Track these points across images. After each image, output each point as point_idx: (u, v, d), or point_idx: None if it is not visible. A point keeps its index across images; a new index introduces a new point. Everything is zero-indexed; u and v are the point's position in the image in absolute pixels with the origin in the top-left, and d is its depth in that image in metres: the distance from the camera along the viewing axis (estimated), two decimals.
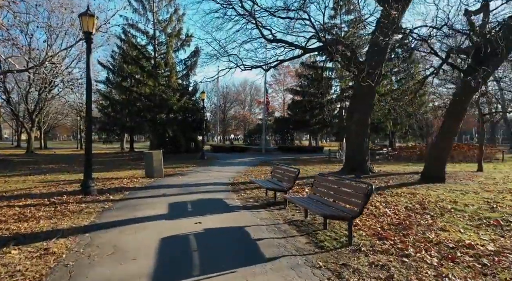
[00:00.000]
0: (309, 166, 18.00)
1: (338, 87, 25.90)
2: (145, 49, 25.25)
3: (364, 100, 13.01)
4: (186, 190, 9.37)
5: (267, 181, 8.54)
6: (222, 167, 17.52)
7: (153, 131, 25.60)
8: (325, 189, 5.75)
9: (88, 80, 8.48)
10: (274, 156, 27.24)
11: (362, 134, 13.09)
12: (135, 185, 10.45)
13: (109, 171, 15.64)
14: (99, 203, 7.33)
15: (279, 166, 8.73)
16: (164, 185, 10.37)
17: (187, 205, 7.26)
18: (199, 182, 11.34)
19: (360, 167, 12.97)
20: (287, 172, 7.72)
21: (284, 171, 7.93)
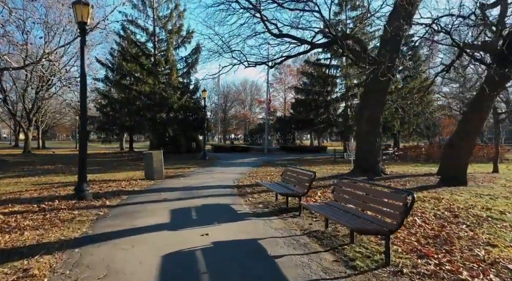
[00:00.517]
0: (315, 167, 17.30)
1: (342, 86, 25.15)
2: (145, 46, 24.54)
3: (376, 97, 12.31)
4: (189, 194, 8.67)
5: (277, 184, 7.84)
6: (224, 168, 16.83)
7: (153, 131, 24.91)
8: (348, 196, 5.05)
9: (82, 75, 7.78)
10: (277, 156, 26.56)
11: (374, 133, 12.40)
12: (134, 188, 9.75)
13: (107, 172, 14.94)
14: (93, 210, 6.63)
15: (290, 168, 8.03)
16: (165, 188, 9.67)
17: (191, 212, 6.57)
18: (202, 184, 10.65)
19: (372, 169, 12.27)
20: (301, 175, 7.02)
21: (298, 174, 7.23)
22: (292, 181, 7.35)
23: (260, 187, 9.99)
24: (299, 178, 7.00)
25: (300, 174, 7.12)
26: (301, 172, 7.22)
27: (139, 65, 22.92)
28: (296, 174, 7.33)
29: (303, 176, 6.88)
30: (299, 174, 7.16)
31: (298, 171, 7.38)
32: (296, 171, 7.46)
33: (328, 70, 24.25)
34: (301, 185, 6.74)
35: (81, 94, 7.81)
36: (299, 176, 7.12)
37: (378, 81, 12.12)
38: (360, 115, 12.68)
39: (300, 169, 7.54)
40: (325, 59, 24.83)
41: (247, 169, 16.45)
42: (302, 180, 6.79)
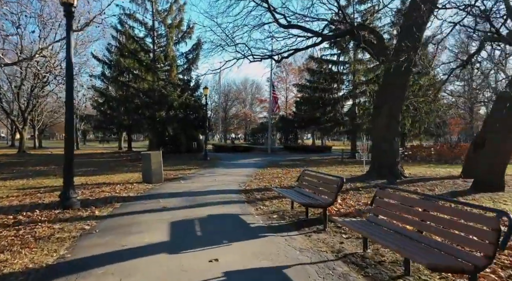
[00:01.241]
0: (323, 168, 16.28)
1: (349, 83, 24.07)
2: (144, 41, 23.47)
3: (394, 93, 11.27)
4: (191, 201, 7.63)
5: (294, 191, 6.79)
6: (228, 170, 15.79)
7: (152, 130, 23.86)
8: (395, 210, 4.00)
9: (68, 64, 6.73)
10: (280, 157, 25.52)
11: (392, 131, 11.36)
12: (129, 193, 8.70)
13: (102, 174, 13.90)
14: (79, 222, 5.58)
15: (310, 171, 6.98)
16: (164, 194, 8.63)
17: (195, 226, 5.52)
18: (205, 189, 9.60)
19: (391, 171, 11.24)
20: (325, 180, 5.97)
21: (320, 180, 6.17)
22: (313, 187, 6.30)
23: (270, 192, 8.97)
24: (323, 184, 5.95)
25: (323, 179, 6.06)
26: (324, 177, 6.16)
27: (138, 61, 21.86)
28: (318, 179, 6.27)
29: (327, 182, 5.83)
30: (322, 179, 6.10)
31: (321, 175, 6.32)
32: (318, 175, 6.40)
33: (337, 66, 23.14)
34: (325, 193, 5.69)
35: (67, 86, 6.76)
36: (321, 181, 6.07)
37: (397, 75, 11.11)
38: (377, 112, 11.64)
39: (323, 174, 6.48)
40: (331, 55, 23.78)
41: (252, 170, 15.42)
42: (326, 187, 5.74)
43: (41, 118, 39.06)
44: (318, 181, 6.19)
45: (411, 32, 10.62)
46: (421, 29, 10.75)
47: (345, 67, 23.52)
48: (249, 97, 66.50)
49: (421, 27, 10.73)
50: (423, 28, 10.84)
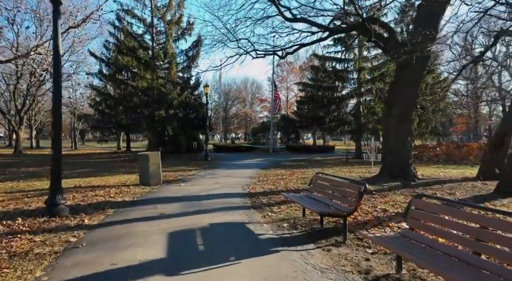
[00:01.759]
0: (328, 169, 15.62)
1: (353, 81, 23.38)
2: (142, 38, 22.76)
3: (408, 89, 10.59)
4: (191, 207, 6.96)
5: (306, 197, 6.11)
6: (230, 171, 15.12)
7: (151, 129, 23.17)
8: (442, 226, 3.32)
9: (55, 52, 6.07)
10: (283, 157, 24.85)
11: (405, 131, 10.69)
12: (124, 197, 8.03)
13: (97, 175, 13.24)
14: (64, 234, 4.93)
15: (324, 175, 6.31)
16: (163, 198, 7.96)
17: (196, 238, 4.86)
18: (206, 192, 8.94)
19: (403, 172, 10.57)
20: (343, 185, 5.30)
21: (337, 184, 5.49)
22: (328, 193, 5.63)
23: (277, 196, 8.31)
24: (340, 190, 5.27)
25: (341, 184, 5.39)
26: (342, 181, 5.50)
27: (136, 58, 21.16)
28: (334, 183, 5.59)
29: (346, 187, 5.16)
30: (340, 184, 5.42)
31: (338, 180, 5.64)
32: (335, 180, 5.71)
33: (342, 64, 22.41)
34: (344, 200, 5.03)
35: (54, 78, 6.11)
36: (339, 186, 5.40)
37: (409, 70, 10.46)
38: (388, 111, 10.98)
39: (339, 178, 5.81)
40: (335, 52, 23.09)
41: (255, 171, 14.75)
42: (345, 193, 5.07)
43: (39, 118, 38.35)
44: (334, 185, 5.51)
45: (427, 24, 9.97)
46: (437, 20, 10.10)
47: (349, 65, 22.83)
48: (249, 96, 65.88)
49: (437, 18, 10.08)
50: (439, 19, 10.18)
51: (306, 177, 12.48)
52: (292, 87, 56.97)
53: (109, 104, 22.15)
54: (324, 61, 23.07)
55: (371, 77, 21.86)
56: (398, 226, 5.30)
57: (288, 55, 14.06)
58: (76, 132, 38.87)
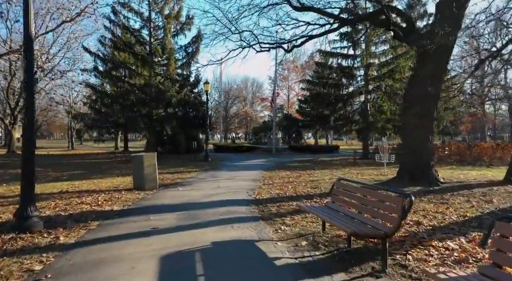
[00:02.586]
0: (336, 171, 14.64)
1: (361, 78, 22.36)
2: (139, 33, 21.74)
3: (429, 84, 9.58)
4: (190, 218, 5.96)
5: (328, 208, 5.09)
6: (232, 173, 14.12)
7: (149, 128, 22.16)
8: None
9: (26, 37, 5.07)
10: (286, 157, 23.85)
11: (426, 129, 9.70)
12: (113, 206, 7.02)
13: (89, 178, 12.25)
14: (30, 257, 3.92)
15: (349, 183, 5.28)
16: (157, 207, 6.96)
17: (195, 263, 3.85)
18: (207, 198, 7.94)
19: (424, 175, 9.58)
20: (378, 196, 4.27)
21: (368, 194, 4.46)
22: (355, 204, 4.62)
23: (287, 203, 7.33)
24: (374, 202, 4.25)
25: (375, 194, 4.36)
26: (374, 191, 4.48)
27: (133, 54, 20.13)
28: (364, 193, 4.56)
29: (383, 199, 4.14)
30: (373, 194, 4.39)
31: (369, 189, 4.63)
32: (365, 189, 4.69)
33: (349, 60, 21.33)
34: (380, 215, 4.01)
35: (27, 62, 5.13)
36: (370, 197, 4.38)
37: (432, 63, 9.46)
38: (407, 108, 9.97)
39: (369, 186, 4.81)
40: (341, 48, 22.07)
41: (259, 173, 13.76)
42: (382, 206, 4.06)
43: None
44: (364, 196, 4.49)
45: (450, 11, 8.97)
46: (463, 7, 9.09)
47: (356, 61, 21.81)
48: (250, 95, 64.92)
49: (463, 4, 9.07)
50: (465, 6, 9.17)
51: (315, 180, 11.51)
52: (293, 86, 56.08)
53: (105, 102, 21.13)
54: (330, 58, 22.03)
55: (379, 74, 20.84)
56: (445, 248, 4.29)
57: (295, 48, 13.06)
58: (73, 131, 37.80)
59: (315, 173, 14.03)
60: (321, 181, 11.15)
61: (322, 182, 10.92)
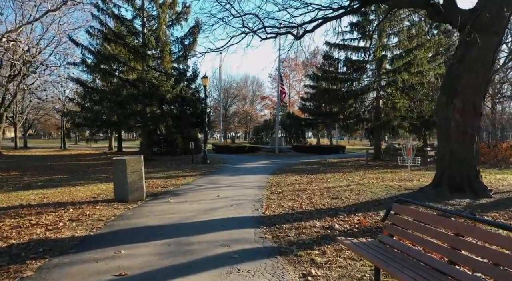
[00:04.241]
0: (351, 175, 12.89)
1: (373, 72, 20.60)
2: (132, 23, 19.92)
3: (476, 73, 7.85)
4: (176, 253, 4.21)
5: (385, 247, 3.32)
6: (234, 177, 12.38)
7: (142, 127, 20.37)
8: None
9: None
10: (292, 158, 22.11)
11: (471, 128, 7.96)
12: (76, 230, 5.24)
13: (68, 185, 10.53)
14: None
15: (415, 206, 3.53)
16: (136, 231, 5.20)
17: None
18: (203, 216, 6.19)
19: (468, 184, 7.85)
20: (493, 239, 2.50)
21: (471, 235, 2.69)
22: (439, 246, 2.85)
23: (308, 222, 5.62)
24: (493, 253, 2.47)
25: (481, 234, 2.59)
26: (474, 227, 2.71)
27: (124, 46, 18.34)
28: (458, 230, 2.78)
29: (491, 239, 2.39)
30: (477, 234, 2.63)
31: (468, 224, 2.86)
32: (461, 225, 2.91)
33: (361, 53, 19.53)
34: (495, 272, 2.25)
35: None
36: (475, 240, 2.61)
37: (480, 47, 7.70)
38: (446, 102, 8.22)
39: (466, 215, 3.01)
40: (351, 39, 20.30)
41: (264, 178, 12.03)
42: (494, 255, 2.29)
43: (24, 116, 35.47)
44: (460, 235, 2.71)
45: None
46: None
47: (367, 54, 20.02)
48: (250, 94, 63.22)
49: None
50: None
51: (331, 187, 9.79)
52: (294, 85, 54.35)
53: (94, 99, 19.33)
54: (339, 50, 20.26)
55: (393, 68, 19.07)
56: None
57: (307, 34, 11.29)
58: (65, 131, 35.95)
59: (328, 177, 12.32)
60: (339, 189, 9.42)
61: (340, 190, 9.20)
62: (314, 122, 26.43)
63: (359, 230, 5.24)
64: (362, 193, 8.67)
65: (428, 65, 17.46)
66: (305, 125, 31.51)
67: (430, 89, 18.26)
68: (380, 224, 5.55)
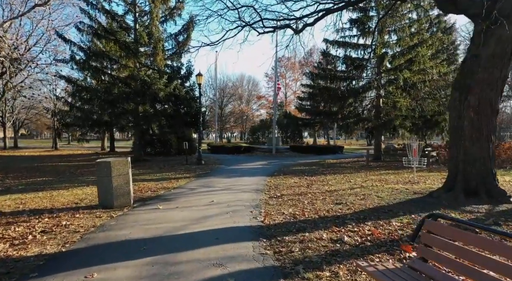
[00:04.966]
0: (353, 177, 12.26)
1: (373, 70, 19.99)
2: (123, 19, 19.12)
3: (492, 68, 7.23)
4: (162, 274, 3.52)
5: (416, 274, 2.64)
6: (229, 180, 11.69)
7: (134, 127, 19.59)
8: None
9: None
10: (288, 159, 21.45)
11: (487, 127, 7.35)
12: (46, 246, 4.51)
13: (51, 188, 9.79)
14: None
15: (455, 222, 2.91)
16: (115, 246, 4.49)
17: None
18: (195, 226, 5.49)
19: (484, 187, 7.23)
20: None
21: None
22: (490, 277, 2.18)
23: (313, 233, 4.96)
24: None
25: None
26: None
27: (115, 42, 17.54)
28: None
29: None
30: None
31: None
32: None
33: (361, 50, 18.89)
34: None
35: None
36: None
37: (497, 41, 7.09)
38: (459, 98, 7.60)
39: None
40: (350, 36, 19.68)
41: (262, 180, 11.36)
42: None
43: (14, 115, 34.46)
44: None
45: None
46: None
47: (367, 52, 19.42)
48: (245, 94, 62.51)
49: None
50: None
51: (333, 191, 9.13)
52: (290, 84, 53.73)
53: (83, 97, 18.50)
54: (338, 47, 19.62)
55: (394, 66, 18.47)
56: None
57: (306, 28, 10.64)
58: (56, 130, 34.99)
59: (328, 179, 11.68)
60: (342, 193, 8.77)
61: (344, 194, 8.55)
62: (312, 121, 25.82)
63: (372, 244, 4.58)
64: (367, 197, 8.02)
65: (430, 63, 16.87)
66: (302, 125, 30.89)
67: (432, 87, 17.68)
68: (395, 236, 4.92)
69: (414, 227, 5.36)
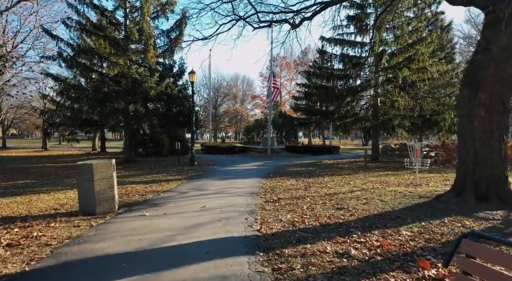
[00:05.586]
0: (352, 179, 11.77)
1: (370, 69, 19.53)
2: (113, 15, 18.42)
3: (503, 63, 6.75)
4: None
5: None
6: (223, 182, 11.11)
7: (125, 126, 18.89)
8: None
9: None
10: (285, 159, 20.92)
11: (498, 127, 6.87)
12: (6, 265, 3.89)
13: (31, 192, 9.13)
14: None
15: (497, 241, 2.36)
16: (93, 261, 3.90)
17: None
18: (183, 237, 4.90)
19: (496, 191, 6.75)
20: None
21: None
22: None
23: (315, 244, 4.41)
24: None
25: None
26: None
27: (104, 38, 16.85)
28: None
29: None
30: None
31: None
32: None
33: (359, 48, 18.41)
34: None
35: None
36: None
37: (508, 35, 6.61)
38: (468, 96, 7.11)
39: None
40: (347, 34, 19.21)
41: (257, 183, 10.80)
42: None
43: (2, 115, 33.47)
44: None
45: None
46: None
47: (364, 50, 18.96)
48: (240, 93, 62.02)
49: None
50: None
51: (332, 194, 8.62)
52: (285, 84, 53.33)
53: (71, 96, 17.75)
54: (334, 45, 19.13)
55: (393, 64, 18.02)
56: None
57: (304, 22, 10.11)
58: (45, 130, 34.06)
59: (326, 181, 11.17)
60: (342, 196, 8.25)
61: (345, 198, 8.03)
62: (307, 121, 25.36)
63: (383, 258, 4.04)
64: (370, 201, 7.51)
65: (429, 62, 16.44)
66: (297, 125, 30.45)
67: (432, 86, 17.27)
68: (407, 248, 4.38)
69: (426, 237, 4.85)
